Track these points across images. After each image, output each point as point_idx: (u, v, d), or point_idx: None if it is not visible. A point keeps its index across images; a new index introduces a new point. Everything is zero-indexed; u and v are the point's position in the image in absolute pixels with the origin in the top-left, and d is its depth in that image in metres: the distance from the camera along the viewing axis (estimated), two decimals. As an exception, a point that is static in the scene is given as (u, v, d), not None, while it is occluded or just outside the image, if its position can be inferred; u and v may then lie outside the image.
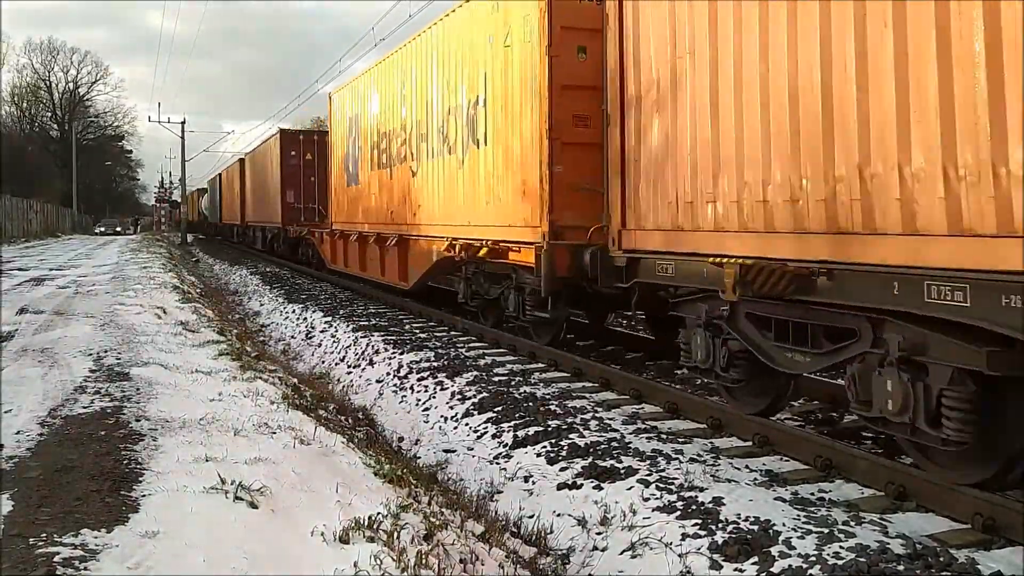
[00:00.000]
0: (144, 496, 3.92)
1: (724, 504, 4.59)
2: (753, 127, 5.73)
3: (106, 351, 7.98)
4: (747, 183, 5.81)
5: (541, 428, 6.30)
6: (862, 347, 5.12)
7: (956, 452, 4.61)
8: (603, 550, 4.43)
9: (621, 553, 4.33)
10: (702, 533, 4.31)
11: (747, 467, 5.35)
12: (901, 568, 3.78)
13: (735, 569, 3.98)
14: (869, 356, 5.05)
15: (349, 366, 10.28)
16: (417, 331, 11.67)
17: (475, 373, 8.41)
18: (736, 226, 5.95)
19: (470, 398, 7.50)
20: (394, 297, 15.08)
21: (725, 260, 5.77)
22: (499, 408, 7.01)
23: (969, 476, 4.66)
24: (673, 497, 4.77)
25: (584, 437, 6.00)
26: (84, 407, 5.71)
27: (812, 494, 4.84)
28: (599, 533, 4.59)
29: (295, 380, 7.89)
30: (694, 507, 4.60)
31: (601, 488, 5.10)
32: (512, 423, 6.57)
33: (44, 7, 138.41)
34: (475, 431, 6.73)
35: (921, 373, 4.68)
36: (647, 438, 6.00)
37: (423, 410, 7.72)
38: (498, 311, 10.78)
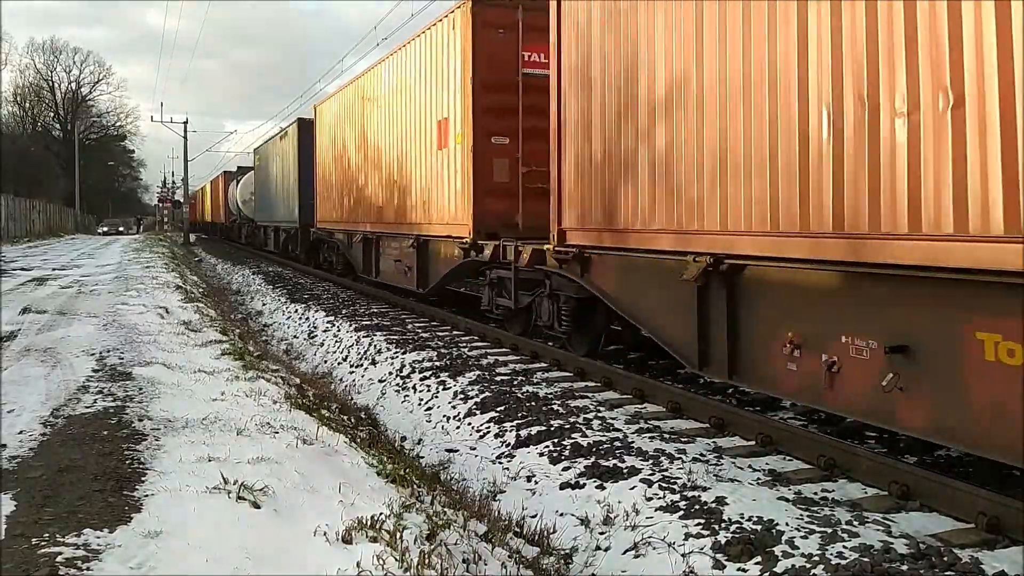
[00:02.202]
0: (147, 496, 3.93)
1: (727, 504, 4.58)
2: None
3: (109, 351, 7.98)
4: None
5: (544, 428, 6.30)
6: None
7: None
8: (606, 550, 4.42)
9: (624, 553, 4.32)
10: (705, 533, 4.30)
11: (750, 467, 5.34)
12: (905, 568, 3.77)
13: (738, 569, 3.97)
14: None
15: (352, 366, 10.28)
16: (419, 330, 11.67)
17: (477, 372, 8.41)
18: None
19: (472, 398, 7.49)
20: (396, 297, 15.09)
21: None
22: (502, 408, 7.01)
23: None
24: (676, 497, 4.77)
25: (587, 437, 6.00)
26: (87, 407, 5.71)
27: (815, 494, 4.83)
28: (602, 533, 4.59)
29: (298, 380, 7.89)
30: (697, 507, 4.60)
31: (604, 488, 5.09)
32: (515, 422, 6.56)
33: (43, 6, 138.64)
34: (478, 431, 6.72)
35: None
36: (650, 437, 5.99)
37: (425, 410, 7.71)
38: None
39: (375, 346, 10.57)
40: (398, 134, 14.49)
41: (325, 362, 11.05)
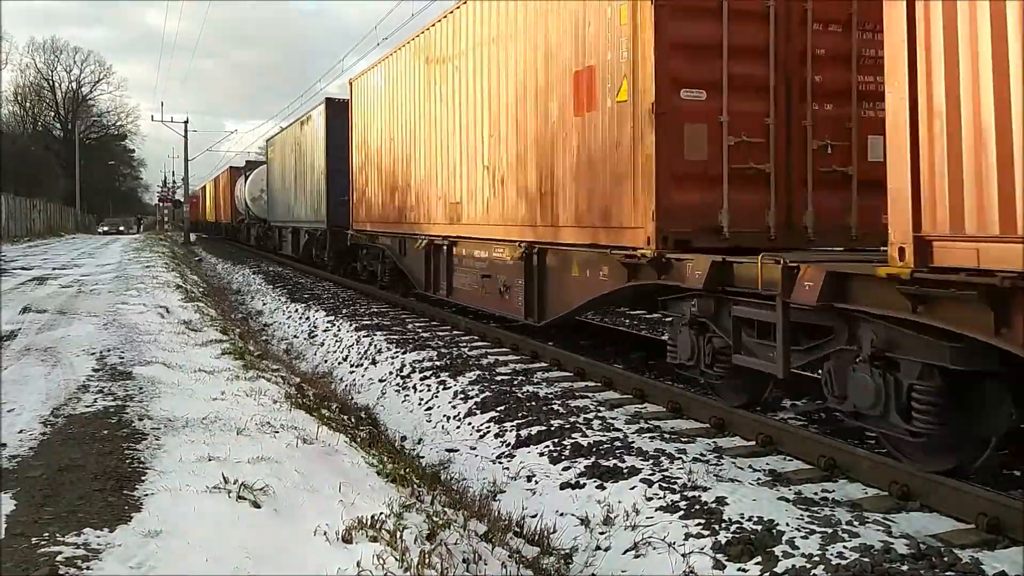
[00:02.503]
0: (147, 495, 3.93)
1: (727, 504, 4.58)
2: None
3: (109, 350, 7.98)
4: None
5: (544, 427, 6.29)
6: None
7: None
8: (606, 550, 4.42)
9: (624, 553, 4.32)
10: (705, 533, 4.30)
11: (750, 467, 5.34)
12: (905, 568, 3.77)
13: (738, 569, 3.97)
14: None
15: (352, 365, 10.28)
16: (420, 330, 11.66)
17: (478, 372, 8.41)
18: None
19: (473, 397, 7.49)
20: (397, 297, 15.08)
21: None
22: (502, 407, 7.00)
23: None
24: (676, 497, 4.76)
25: (587, 436, 5.99)
26: (87, 406, 5.71)
27: (815, 494, 4.82)
28: (602, 533, 4.58)
29: (298, 379, 7.89)
30: (697, 507, 4.59)
31: (604, 488, 5.09)
32: (515, 422, 6.56)
33: (44, 6, 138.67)
34: (478, 430, 6.72)
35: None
36: (650, 437, 5.99)
37: (426, 409, 7.71)
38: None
39: (375, 346, 10.57)
40: (490, 101, 10.47)
41: (325, 362, 11.05)
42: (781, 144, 7.26)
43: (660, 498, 4.78)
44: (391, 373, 9.18)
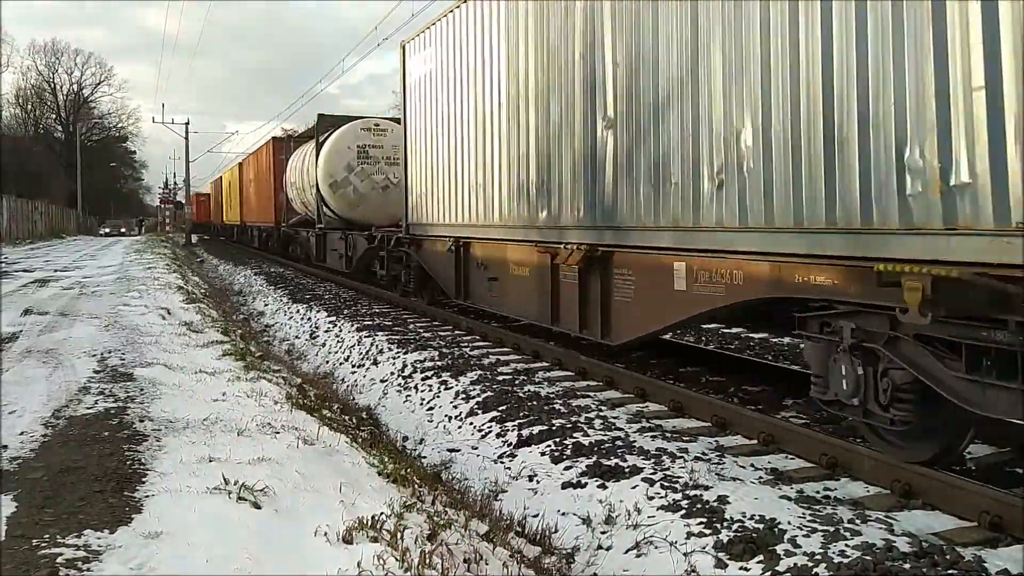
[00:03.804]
0: (148, 497, 3.92)
1: (729, 503, 4.57)
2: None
3: (110, 352, 7.99)
4: None
5: (545, 427, 6.29)
6: None
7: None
8: (608, 549, 4.41)
9: (626, 552, 4.32)
10: (707, 532, 4.29)
11: (752, 465, 5.34)
12: (907, 566, 3.76)
13: (740, 568, 3.96)
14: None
15: (353, 366, 10.27)
16: (421, 331, 11.66)
17: (479, 372, 8.40)
18: None
19: (474, 397, 7.49)
20: (398, 297, 15.07)
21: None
22: (503, 407, 7.00)
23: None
24: (678, 496, 4.76)
25: (588, 436, 5.99)
26: (88, 408, 5.71)
27: (817, 492, 4.82)
28: (604, 532, 4.58)
29: (299, 380, 7.88)
30: (699, 506, 4.59)
31: (606, 487, 5.08)
32: (516, 422, 6.56)
33: (42, 7, 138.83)
34: (479, 430, 6.72)
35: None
36: (651, 437, 5.98)
37: (427, 409, 7.71)
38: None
39: (377, 346, 10.57)
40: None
41: (327, 362, 11.05)
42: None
43: (662, 497, 4.78)
44: (392, 373, 9.18)
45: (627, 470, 5.24)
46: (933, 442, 4.93)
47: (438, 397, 7.87)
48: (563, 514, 4.87)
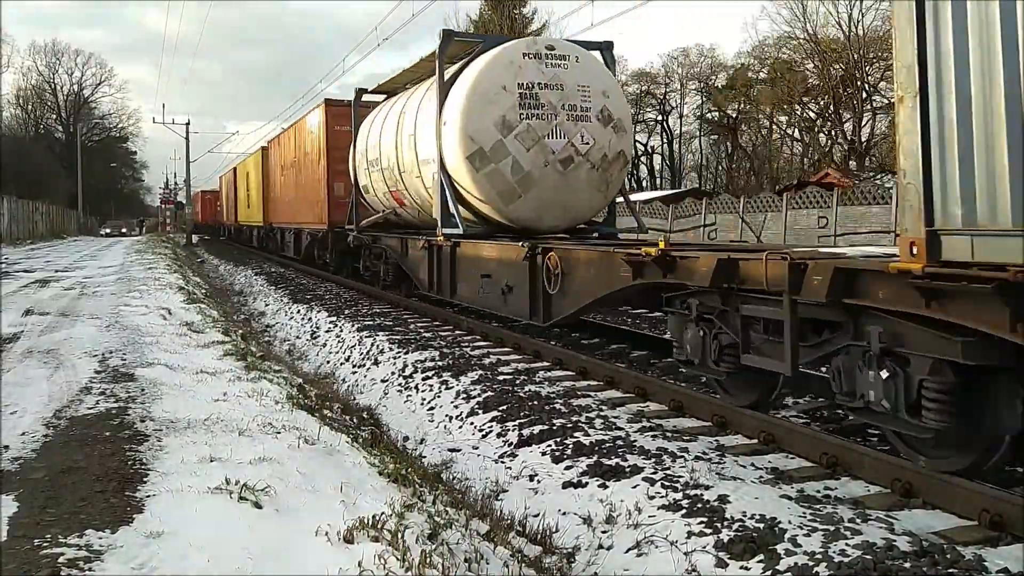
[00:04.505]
0: (149, 497, 3.93)
1: (730, 502, 4.58)
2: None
3: (111, 352, 7.99)
4: None
5: (546, 427, 6.29)
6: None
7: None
8: (608, 548, 4.42)
9: (627, 551, 4.32)
10: (708, 531, 4.30)
11: (753, 465, 5.34)
12: (907, 565, 3.76)
13: (741, 567, 3.96)
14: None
15: (354, 366, 10.28)
16: (422, 330, 11.66)
17: (480, 372, 8.41)
18: None
19: (475, 397, 7.49)
20: (399, 297, 15.08)
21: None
22: (504, 407, 7.00)
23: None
24: (678, 495, 4.76)
25: (589, 436, 5.99)
26: (89, 408, 5.72)
27: (818, 491, 4.82)
28: (604, 531, 4.58)
29: (300, 380, 7.89)
30: (700, 505, 4.59)
31: (606, 486, 5.09)
32: (517, 422, 6.56)
33: (44, 7, 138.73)
34: (480, 430, 6.72)
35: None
36: (652, 436, 5.98)
37: (428, 409, 7.71)
38: None
39: (377, 346, 10.57)
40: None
41: (328, 362, 11.05)
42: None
43: (662, 497, 4.78)
44: (393, 373, 9.18)
45: (628, 470, 5.24)
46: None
47: (439, 397, 7.87)
48: (564, 514, 4.87)
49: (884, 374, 4.88)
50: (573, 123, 10.73)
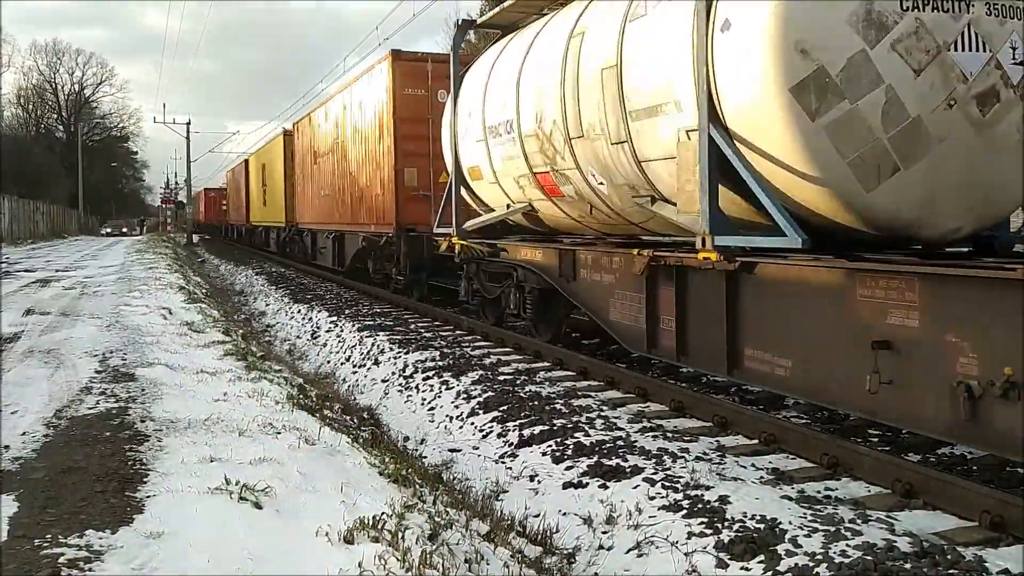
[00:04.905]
0: (149, 497, 3.93)
1: (730, 503, 4.57)
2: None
3: (112, 352, 7.99)
4: None
5: (546, 427, 6.29)
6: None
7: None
8: (609, 549, 4.42)
9: (627, 552, 4.32)
10: (708, 532, 4.29)
11: (753, 465, 5.33)
12: (908, 566, 3.76)
13: (741, 568, 3.96)
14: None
15: (355, 366, 10.28)
16: (422, 330, 11.67)
17: (480, 372, 8.40)
18: None
19: (475, 397, 7.49)
20: (399, 297, 15.08)
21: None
22: (504, 407, 7.00)
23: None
24: (679, 496, 4.76)
25: (590, 436, 5.99)
26: (90, 408, 5.72)
27: (818, 492, 4.81)
28: (605, 532, 4.58)
29: (300, 380, 7.89)
30: (700, 506, 4.59)
31: (607, 487, 5.08)
32: (517, 422, 6.56)
33: (41, 7, 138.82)
34: (480, 430, 6.72)
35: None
36: (653, 436, 5.98)
37: (428, 409, 7.71)
38: None
39: (378, 346, 10.57)
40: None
41: (328, 362, 11.05)
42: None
43: (663, 497, 4.78)
44: (394, 373, 9.18)
45: (628, 470, 5.24)
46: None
47: (439, 397, 7.87)
48: (564, 514, 4.87)
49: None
50: (999, 20, 5.42)
